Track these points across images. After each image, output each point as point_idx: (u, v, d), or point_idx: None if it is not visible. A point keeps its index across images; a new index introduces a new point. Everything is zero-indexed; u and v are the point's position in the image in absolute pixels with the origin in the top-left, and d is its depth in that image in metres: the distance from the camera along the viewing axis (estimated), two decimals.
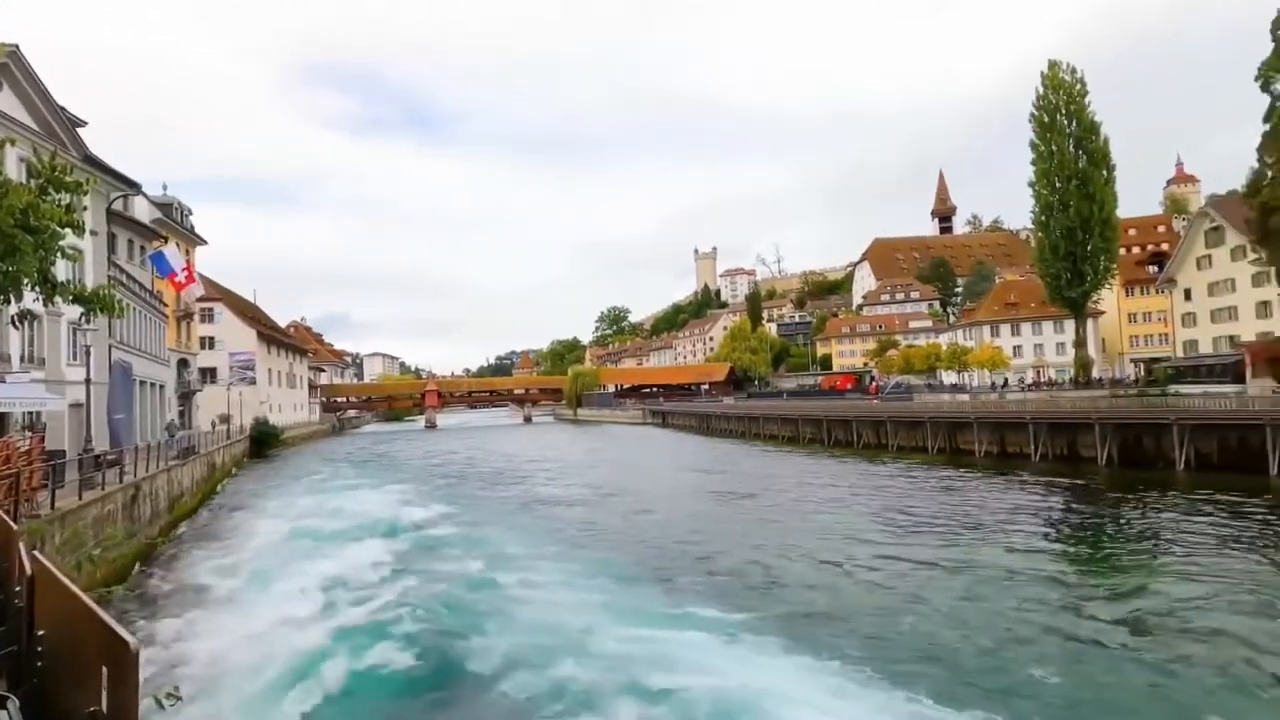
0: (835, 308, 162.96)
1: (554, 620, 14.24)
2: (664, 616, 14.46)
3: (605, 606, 15.08)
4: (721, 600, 15.41)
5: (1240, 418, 29.35)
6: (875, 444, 46.00)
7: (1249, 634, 12.14)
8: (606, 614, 14.53)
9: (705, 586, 16.73)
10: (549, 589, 16.59)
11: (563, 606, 15.09)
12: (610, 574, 18.13)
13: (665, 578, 17.77)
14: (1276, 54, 38.84)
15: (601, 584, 17.08)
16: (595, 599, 15.66)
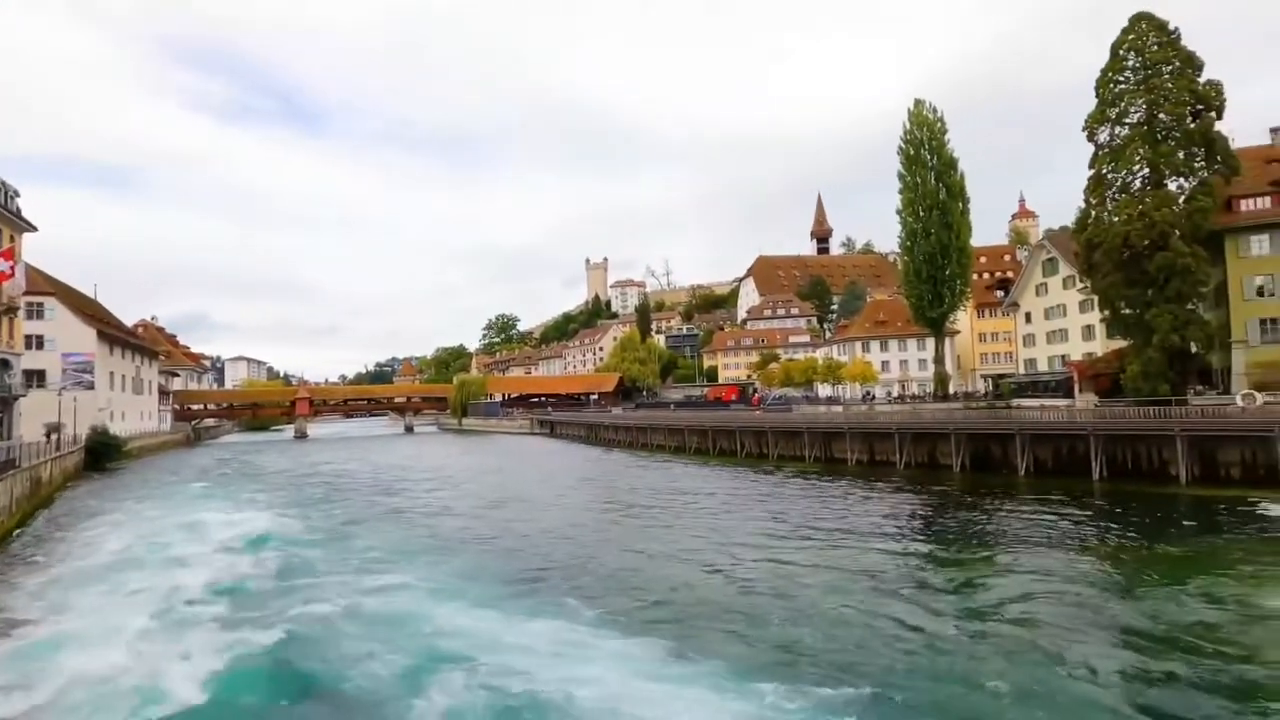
0: (721, 321, 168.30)
1: (420, 631, 13.89)
2: (533, 622, 14.40)
3: (473, 615, 14.89)
4: (591, 604, 15.62)
5: (1069, 429, 32.95)
6: (757, 453, 47.74)
7: (1070, 623, 13.57)
8: (476, 623, 14.33)
9: (577, 591, 16.79)
10: (419, 606, 15.88)
11: (432, 622, 14.55)
12: (480, 582, 17.84)
13: (538, 583, 17.73)
14: (1099, 109, 44.28)
15: (472, 592, 16.79)
16: (462, 608, 15.40)
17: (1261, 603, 14.21)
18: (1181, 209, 40.87)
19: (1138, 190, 42.65)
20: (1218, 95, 41.16)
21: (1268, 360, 42.37)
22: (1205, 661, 11.45)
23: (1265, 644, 12.19)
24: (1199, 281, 41.01)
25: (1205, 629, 12.91)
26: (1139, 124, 42.64)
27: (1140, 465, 29.90)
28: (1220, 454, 27.95)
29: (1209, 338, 42.44)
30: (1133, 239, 40.87)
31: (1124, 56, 43.25)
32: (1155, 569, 17.20)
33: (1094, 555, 18.92)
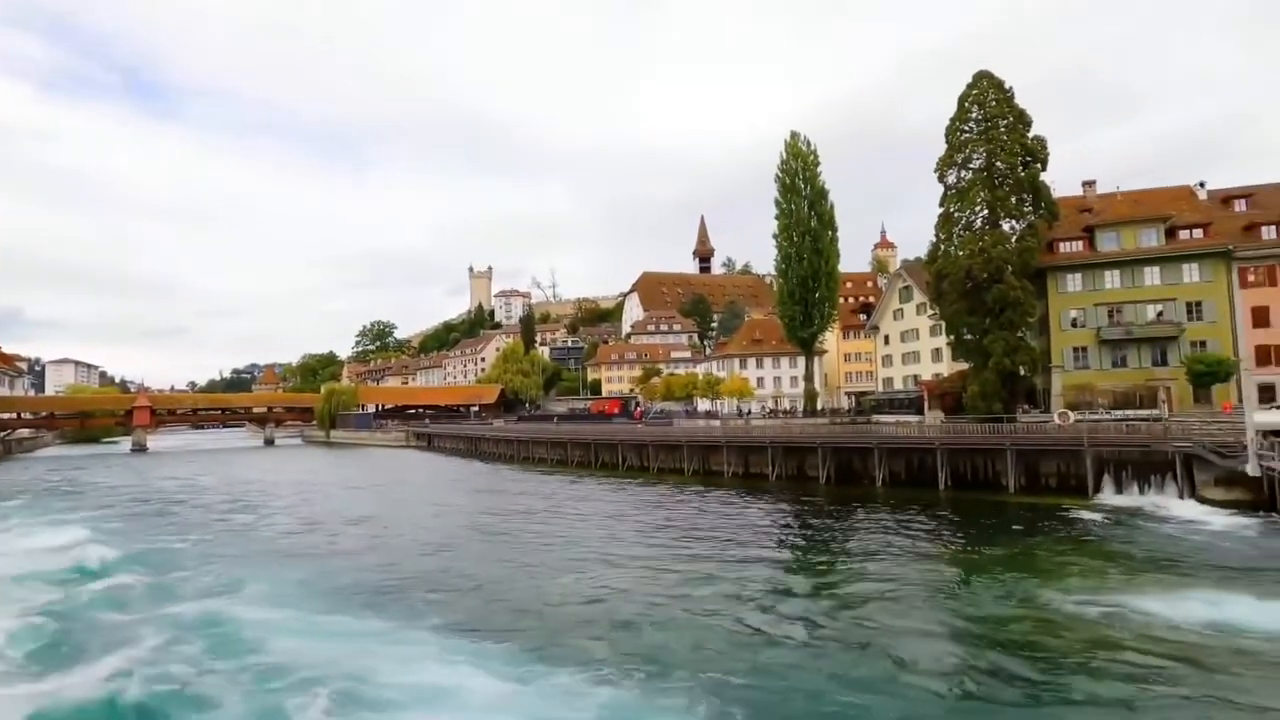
0: (606, 334, 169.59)
1: (256, 661, 13.22)
2: (390, 639, 14.14)
3: (323, 634, 14.38)
4: (454, 617, 15.56)
5: (919, 443, 36.05)
6: (638, 466, 48.48)
7: (909, 621, 14.92)
8: (328, 643, 13.78)
9: (441, 605, 16.64)
10: (261, 632, 14.95)
11: (273, 647, 13.80)
12: (339, 602, 17.13)
13: (400, 600, 17.33)
14: (948, 153, 49.12)
15: (329, 614, 16.10)
16: (315, 634, 14.78)
17: (1065, 595, 16.20)
18: (1013, 247, 46.04)
19: (979, 228, 47.61)
20: (1043, 149, 46.87)
21: (1079, 383, 48.45)
22: (1022, 649, 12.96)
23: (1067, 630, 13.94)
24: (1027, 312, 46.32)
25: (1023, 621, 14.59)
26: (980, 170, 47.70)
27: (978, 476, 33.21)
28: (1041, 466, 31.63)
29: (1034, 362, 48.01)
30: (974, 272, 45.55)
31: (969, 109, 48.32)
32: (986, 570, 19.18)
33: (936, 559, 20.82)
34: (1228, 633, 13.24)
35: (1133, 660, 12.21)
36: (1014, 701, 10.94)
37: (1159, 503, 27.07)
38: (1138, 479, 28.88)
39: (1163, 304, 48.69)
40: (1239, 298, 47.43)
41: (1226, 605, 14.61)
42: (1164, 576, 17.37)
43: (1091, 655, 12.52)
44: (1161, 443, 28.63)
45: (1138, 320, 48.92)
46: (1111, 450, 29.83)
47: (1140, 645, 12.83)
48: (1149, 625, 13.82)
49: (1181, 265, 48.63)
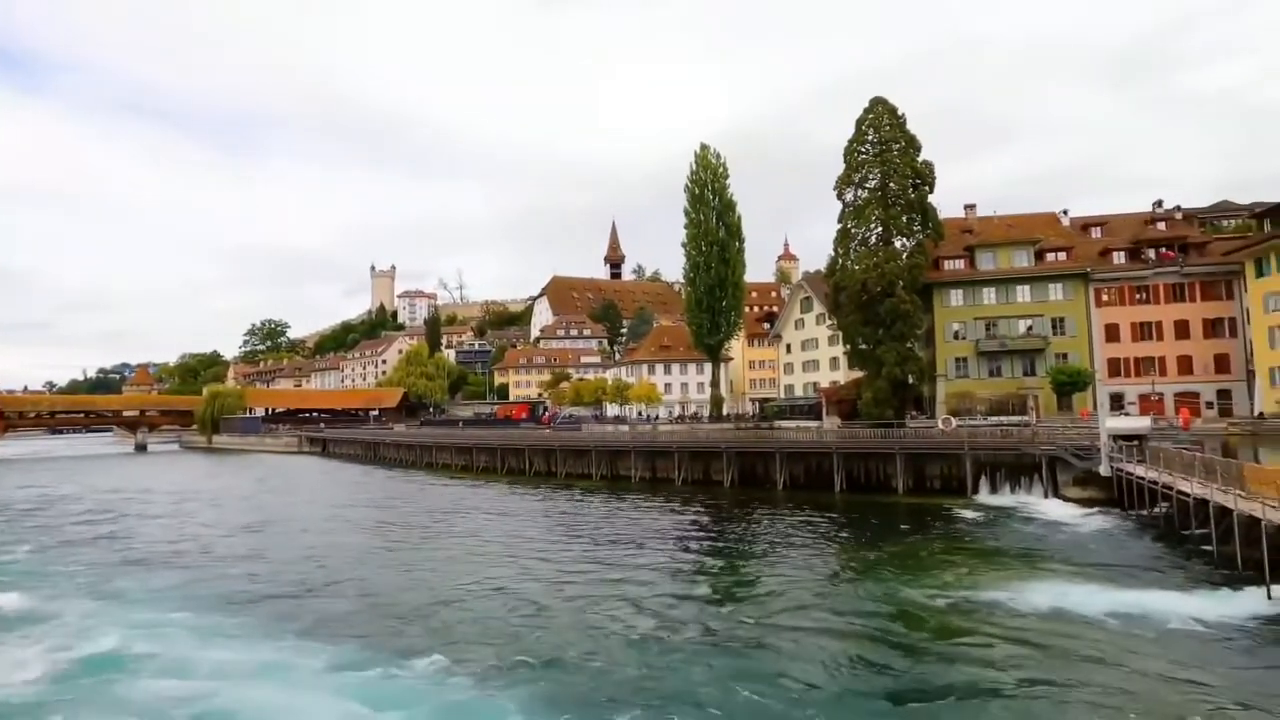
0: (515, 338, 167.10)
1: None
2: (257, 649, 13.76)
3: (181, 644, 13.71)
4: (340, 631, 15.04)
5: (817, 447, 37.66)
6: (546, 471, 48.04)
7: (802, 618, 15.59)
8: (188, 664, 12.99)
9: (327, 619, 16.08)
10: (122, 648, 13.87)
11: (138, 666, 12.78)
12: (219, 616, 16.04)
13: (285, 612, 16.68)
14: (846, 173, 51.73)
15: (202, 630, 15.09)
16: (182, 652, 13.91)
17: (943, 589, 17.38)
18: (904, 263, 49.01)
19: (874, 245, 50.41)
20: (930, 172, 50.22)
21: (960, 391, 52.12)
22: (904, 641, 13.80)
23: (944, 622, 14.96)
24: (916, 324, 49.42)
25: (906, 615, 15.53)
26: (875, 190, 50.54)
27: (871, 478, 35.06)
28: (927, 468, 33.79)
29: (922, 371, 51.25)
30: (869, 285, 48.16)
31: (865, 132, 51.11)
32: (875, 568, 20.27)
33: (831, 559, 21.81)
34: (1075, 618, 14.57)
35: (996, 646, 13.22)
36: (893, 690, 11.59)
37: (1027, 501, 29.51)
38: (1010, 480, 31.39)
39: (1032, 319, 53.21)
40: (1095, 315, 52.54)
41: (1075, 594, 16.09)
42: (1028, 570, 18.93)
43: (965, 643, 13.49)
44: (1030, 446, 31.27)
45: (1011, 334, 53.21)
46: (988, 453, 32.28)
47: (1003, 632, 13.93)
48: (1012, 614, 15.03)
49: (1048, 284, 53.34)
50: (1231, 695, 10.77)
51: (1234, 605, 14.79)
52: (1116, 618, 14.45)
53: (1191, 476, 21.30)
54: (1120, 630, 13.85)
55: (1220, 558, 17.94)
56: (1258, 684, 11.16)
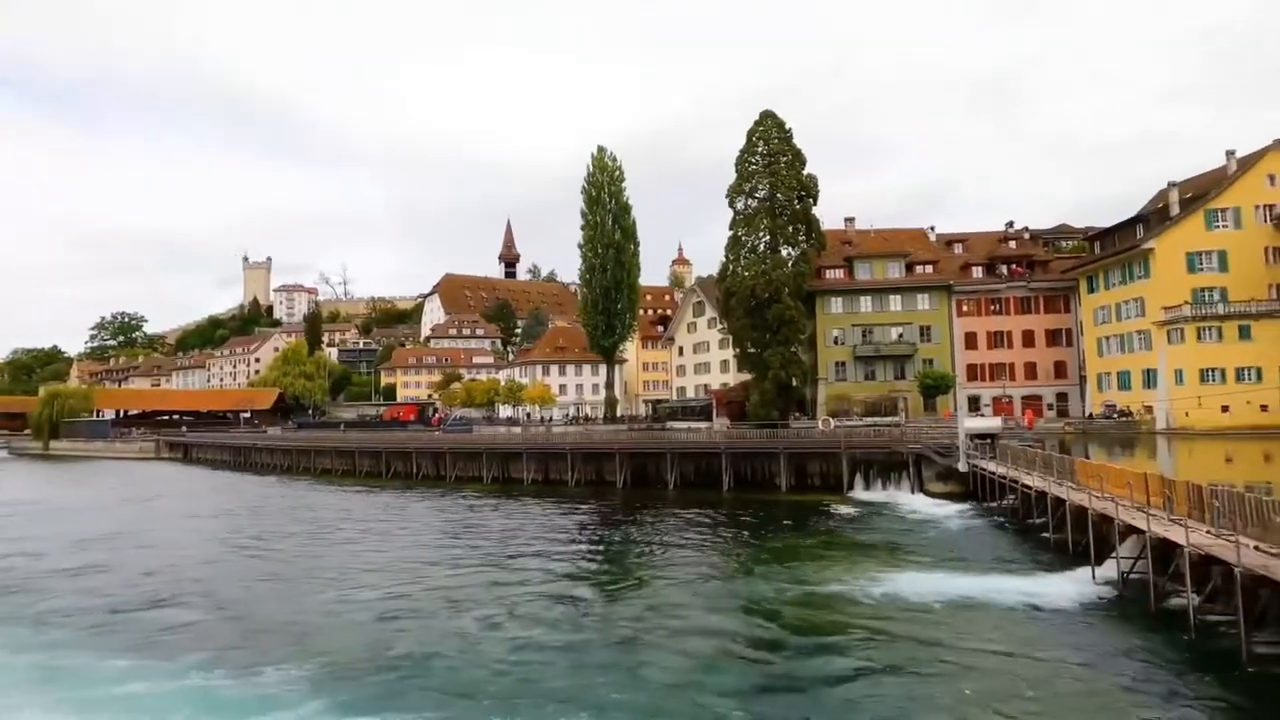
0: (403, 337, 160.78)
1: None
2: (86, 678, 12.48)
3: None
4: (179, 646, 14.20)
5: (707, 447, 38.74)
6: (435, 475, 46.53)
7: (689, 614, 16.04)
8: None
9: (158, 636, 15.07)
10: None
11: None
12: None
13: (125, 631, 15.27)
14: (738, 182, 53.55)
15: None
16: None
17: (818, 581, 18.37)
18: (790, 271, 51.37)
19: (762, 252, 52.50)
20: (815, 185, 52.92)
21: (839, 393, 55.21)
22: (778, 631, 14.50)
23: (818, 610, 15.83)
24: (800, 330, 51.91)
25: (784, 606, 16.32)
26: (764, 200, 52.66)
27: (757, 477, 36.45)
28: (808, 467, 35.55)
29: (805, 374, 53.87)
30: (757, 291, 50.11)
31: (755, 143, 53.17)
32: (758, 563, 21.12)
33: (717, 555, 22.50)
34: (930, 604, 15.81)
35: (860, 634, 14.10)
36: (759, 682, 12.09)
37: (896, 496, 31.69)
38: (881, 476, 33.60)
39: (903, 327, 57.24)
40: (956, 324, 57.24)
41: (932, 581, 17.47)
42: (893, 561, 20.35)
43: (833, 633, 14.30)
44: (899, 445, 33.63)
45: (884, 340, 57.00)
46: (863, 452, 34.40)
47: (867, 620, 14.88)
48: (877, 603, 16.10)
49: (916, 295, 57.56)
50: (1057, 664, 12.08)
51: (1065, 585, 16.57)
52: (968, 601, 15.82)
53: (1033, 471, 23.71)
54: (970, 612, 15.18)
55: (1056, 543, 20.03)
56: (1080, 651, 12.57)
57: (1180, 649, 12.35)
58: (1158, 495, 16.18)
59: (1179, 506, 15.30)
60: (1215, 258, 48.09)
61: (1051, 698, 10.75)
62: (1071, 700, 10.70)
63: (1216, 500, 14.28)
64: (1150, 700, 10.56)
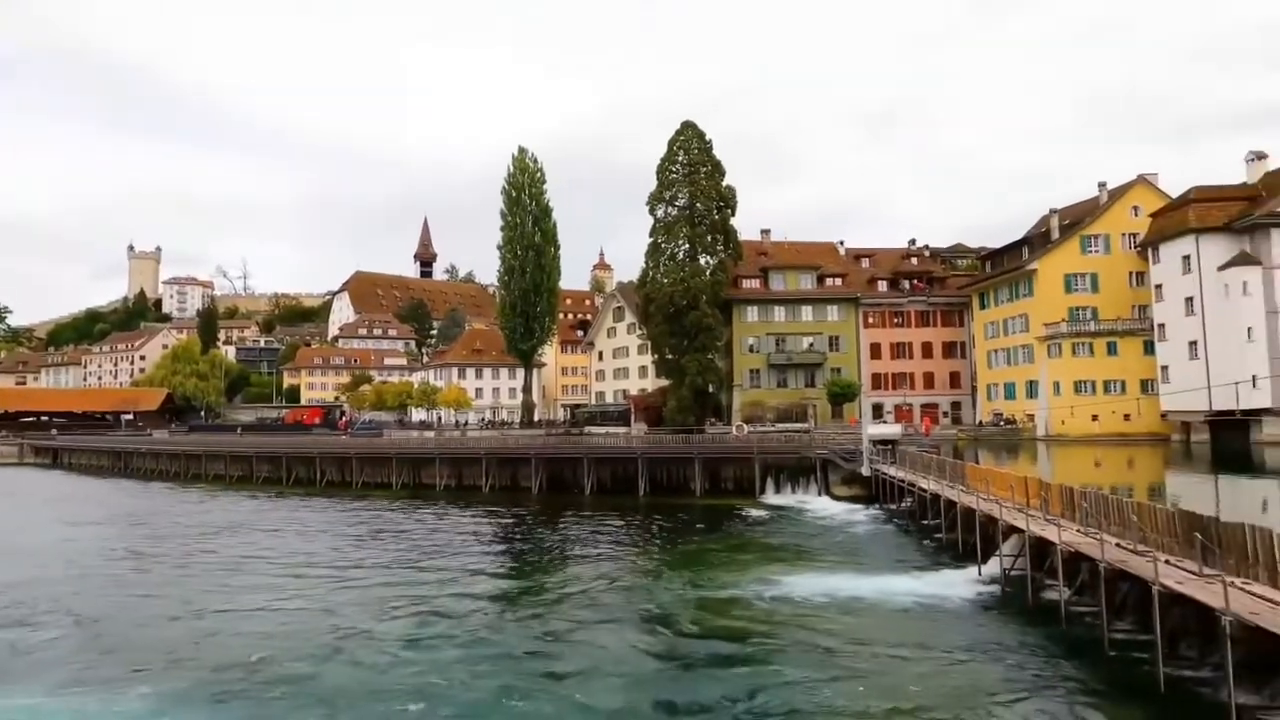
0: (309, 336, 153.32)
1: None
2: None
3: None
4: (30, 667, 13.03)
5: (623, 452, 38.93)
6: (340, 481, 44.59)
7: (600, 615, 16.12)
8: None
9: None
10: None
11: None
12: None
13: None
14: (658, 190, 54.27)
15: None
16: None
17: (727, 583, 18.85)
18: (708, 280, 52.50)
19: (681, 260, 53.42)
20: (733, 197, 54.35)
21: (754, 400, 56.78)
22: (684, 633, 14.80)
23: (725, 612, 16.25)
24: (717, 337, 53.09)
25: (695, 608, 16.64)
26: (684, 209, 53.62)
27: (673, 481, 36.90)
28: (722, 471, 36.34)
29: (721, 380, 55.13)
30: (676, 299, 50.91)
31: (676, 153, 54.10)
32: (671, 566, 21.42)
33: (628, 560, 22.68)
34: (832, 603, 16.53)
35: (766, 634, 14.56)
36: (663, 685, 12.26)
37: (805, 500, 32.88)
38: (791, 481, 34.77)
39: (813, 336, 59.55)
40: (863, 335, 60.04)
41: (833, 581, 18.26)
42: (798, 562, 21.12)
43: (740, 635, 14.67)
44: (808, 451, 34.92)
45: (796, 349, 59.09)
46: (774, 457, 35.50)
47: (773, 621, 15.41)
48: (783, 603, 16.64)
49: (827, 306, 60.04)
50: (942, 657, 12.89)
51: (954, 582, 17.69)
52: (864, 600, 16.61)
53: (928, 475, 25.17)
54: (865, 611, 15.94)
55: (948, 543, 21.33)
56: (963, 644, 13.47)
57: (1052, 639, 13.42)
58: (1036, 497, 17.56)
59: (1054, 508, 16.67)
60: (1088, 280, 52.66)
61: (935, 689, 11.44)
62: (952, 691, 11.42)
63: (1085, 502, 15.65)
64: (1022, 687, 11.42)
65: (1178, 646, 11.40)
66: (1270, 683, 9.57)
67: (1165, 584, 10.70)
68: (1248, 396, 42.57)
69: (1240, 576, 10.83)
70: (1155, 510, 14.00)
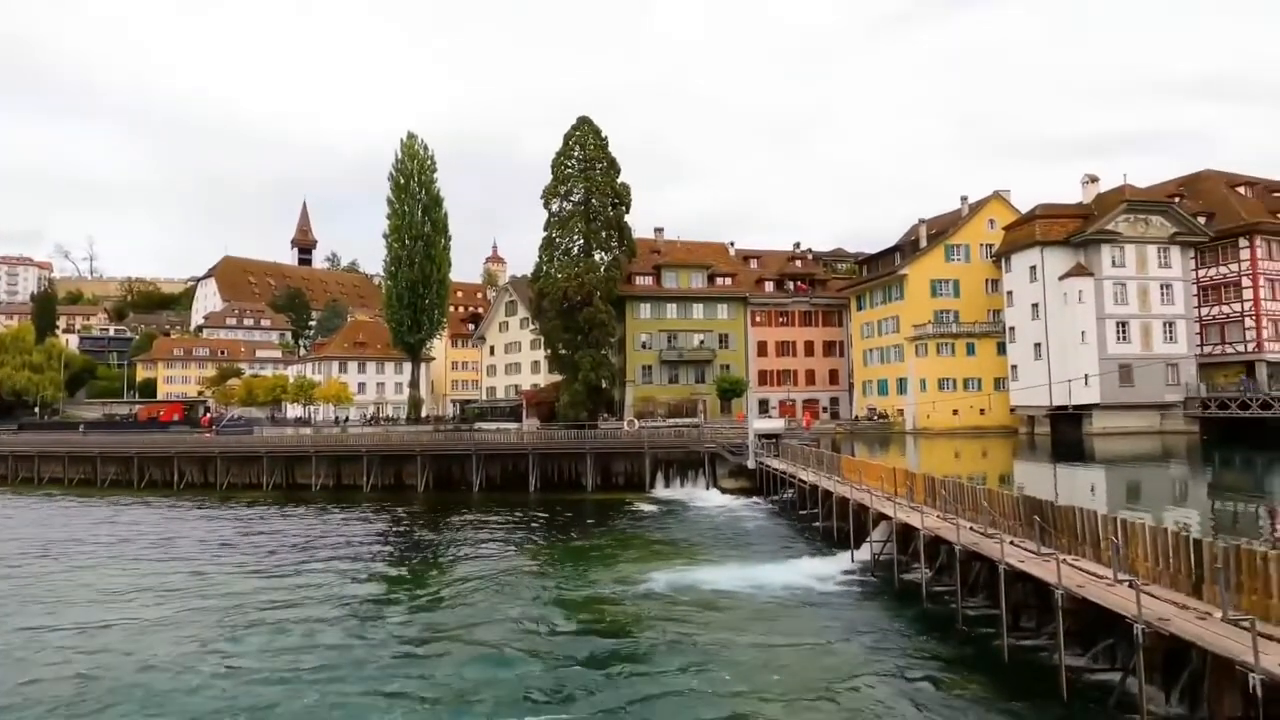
0: (168, 326, 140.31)
1: None
2: None
3: None
4: None
5: (514, 449, 38.30)
6: (202, 483, 41.05)
7: (488, 616, 15.77)
8: None
9: None
10: None
11: None
12: None
13: None
14: (553, 184, 53.73)
15: None
16: None
17: (615, 578, 18.96)
18: (602, 276, 52.58)
19: (576, 255, 53.18)
20: (628, 194, 54.69)
21: (646, 395, 57.48)
22: (571, 629, 14.75)
23: (613, 606, 16.35)
24: (610, 333, 53.28)
25: (578, 604, 16.61)
26: (579, 204, 53.41)
27: (564, 477, 36.69)
28: (613, 466, 36.52)
29: (614, 376, 55.41)
30: (570, 294, 50.62)
31: (572, 148, 53.77)
32: (560, 562, 21.28)
33: (516, 557, 22.27)
34: (715, 592, 17.02)
35: (648, 625, 14.80)
36: (548, 682, 12.16)
37: (693, 493, 33.63)
38: (681, 474, 35.49)
39: (704, 334, 61.09)
40: (750, 333, 62.25)
41: (717, 572, 18.81)
42: (685, 554, 21.56)
43: (621, 628, 14.82)
44: (697, 445, 35.77)
45: (687, 346, 60.38)
46: (664, 451, 36.09)
47: (658, 612, 15.62)
48: (667, 595, 16.92)
49: (717, 305, 61.74)
50: (815, 638, 13.58)
51: (829, 568, 18.66)
52: (744, 590, 17.13)
53: (808, 468, 26.42)
54: (745, 600, 16.46)
55: (825, 531, 22.46)
56: (834, 625, 14.25)
57: (914, 618, 14.42)
58: (903, 487, 18.83)
59: (918, 496, 17.94)
60: (951, 285, 57.19)
61: (802, 671, 11.99)
62: (818, 671, 12.00)
63: (944, 490, 16.95)
64: (883, 664, 12.18)
65: (1020, 619, 12.55)
66: (1093, 647, 10.72)
67: (1010, 563, 11.75)
68: (1080, 393, 47.78)
69: (1071, 554, 12.07)
70: (1002, 496, 15.36)
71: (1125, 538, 11.17)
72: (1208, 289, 53.79)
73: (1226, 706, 8.36)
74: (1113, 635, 10.16)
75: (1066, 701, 9.88)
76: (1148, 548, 10.80)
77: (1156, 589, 9.97)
